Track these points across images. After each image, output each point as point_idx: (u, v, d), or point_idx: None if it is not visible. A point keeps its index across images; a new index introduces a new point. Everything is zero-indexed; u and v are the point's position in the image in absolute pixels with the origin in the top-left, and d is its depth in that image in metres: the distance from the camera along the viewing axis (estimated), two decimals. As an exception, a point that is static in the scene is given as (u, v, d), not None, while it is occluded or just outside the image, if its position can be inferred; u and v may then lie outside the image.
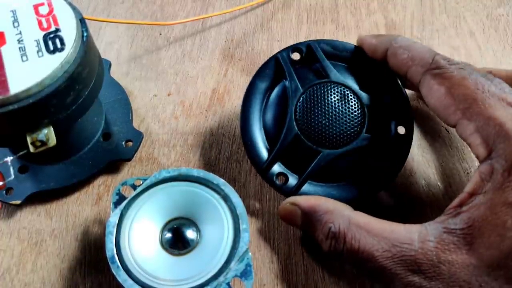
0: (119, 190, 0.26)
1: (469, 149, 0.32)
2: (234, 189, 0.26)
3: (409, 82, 0.27)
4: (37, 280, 0.27)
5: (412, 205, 0.30)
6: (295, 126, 0.28)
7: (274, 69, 0.30)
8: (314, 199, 0.25)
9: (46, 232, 0.29)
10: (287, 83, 0.29)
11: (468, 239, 0.21)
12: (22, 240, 0.29)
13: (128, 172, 0.32)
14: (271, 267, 0.28)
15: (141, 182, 0.26)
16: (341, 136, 0.27)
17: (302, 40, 0.38)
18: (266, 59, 0.36)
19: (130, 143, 0.31)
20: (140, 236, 0.25)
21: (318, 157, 0.27)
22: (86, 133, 0.31)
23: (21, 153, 0.26)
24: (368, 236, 0.22)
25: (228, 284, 0.23)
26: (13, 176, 0.28)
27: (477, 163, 0.32)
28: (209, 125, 0.34)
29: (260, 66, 0.30)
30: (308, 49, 0.30)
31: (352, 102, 0.28)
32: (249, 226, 0.25)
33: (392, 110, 0.29)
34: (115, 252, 0.24)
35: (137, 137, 0.32)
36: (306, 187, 0.28)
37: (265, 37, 0.39)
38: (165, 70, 0.37)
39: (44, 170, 0.30)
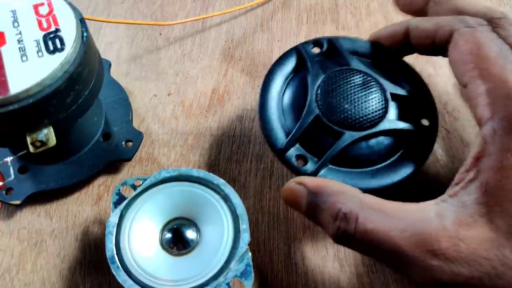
0: (119, 190, 0.26)
1: (469, 149, 0.32)
2: (234, 189, 0.26)
3: (436, 51, 0.27)
4: (37, 280, 0.27)
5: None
6: (316, 108, 0.27)
7: (294, 59, 0.30)
8: (322, 180, 0.24)
9: (46, 232, 0.29)
10: (308, 69, 0.28)
11: (484, 209, 0.20)
12: (22, 240, 0.29)
13: (128, 172, 0.32)
14: (271, 267, 0.28)
15: (141, 182, 0.26)
16: (364, 119, 0.26)
17: (302, 40, 0.38)
18: (266, 59, 0.35)
19: (130, 143, 0.31)
20: (140, 236, 0.25)
21: (341, 138, 0.26)
22: (86, 133, 0.31)
23: (21, 153, 0.26)
24: (383, 216, 0.21)
25: (228, 284, 0.23)
26: (13, 176, 0.28)
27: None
28: (209, 125, 0.34)
29: (279, 57, 0.30)
30: (328, 43, 0.30)
31: (373, 88, 0.27)
32: (249, 226, 0.25)
33: (415, 102, 0.28)
34: (115, 252, 0.24)
35: (137, 137, 0.32)
36: (325, 171, 0.26)
37: (265, 37, 0.39)
38: (165, 70, 0.37)
39: (44, 170, 0.30)
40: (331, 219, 0.22)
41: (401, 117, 0.27)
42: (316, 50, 0.30)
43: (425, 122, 0.28)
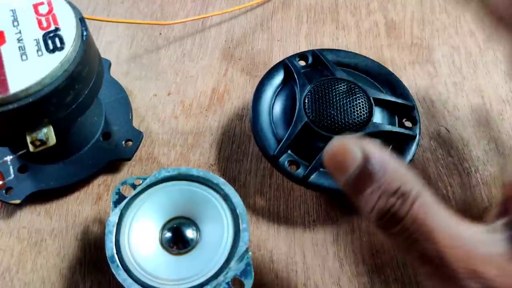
0: (119, 189, 0.26)
1: (469, 148, 0.32)
2: (234, 188, 0.26)
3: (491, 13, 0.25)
4: (37, 279, 0.27)
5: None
6: (304, 115, 0.28)
7: (282, 72, 0.32)
8: (386, 152, 0.20)
9: (46, 232, 0.29)
10: (295, 81, 0.30)
11: None
12: (22, 239, 0.29)
13: (128, 171, 0.32)
14: (271, 267, 0.28)
15: (141, 182, 0.26)
16: (350, 123, 0.28)
17: (302, 40, 0.39)
18: (266, 58, 0.36)
19: (130, 143, 0.31)
20: (140, 236, 0.25)
21: (329, 142, 0.27)
22: (86, 132, 0.31)
23: (20, 152, 0.26)
24: (437, 215, 0.19)
25: (228, 283, 0.23)
26: (13, 176, 0.28)
27: (476, 162, 0.32)
28: (209, 124, 0.34)
29: (268, 69, 0.32)
30: (313, 56, 0.32)
31: (358, 94, 0.29)
32: (249, 226, 0.25)
33: (398, 106, 0.30)
34: (115, 251, 0.24)
35: (137, 136, 0.32)
36: (317, 175, 0.28)
37: (265, 36, 0.39)
38: (165, 69, 0.37)
39: (44, 170, 0.30)
40: (386, 195, 0.19)
41: (385, 120, 0.29)
42: (302, 63, 0.32)
43: (408, 124, 0.30)
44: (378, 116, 0.29)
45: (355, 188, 0.20)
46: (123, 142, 0.31)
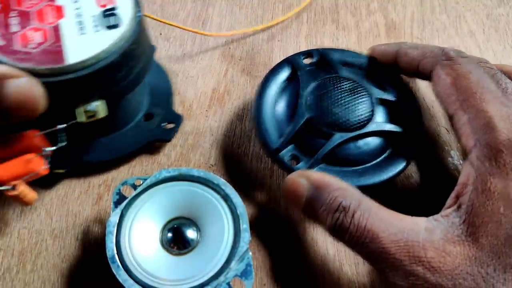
0: (119, 189, 0.26)
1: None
2: (234, 189, 0.26)
3: (420, 76, 0.29)
4: (37, 279, 0.27)
5: (412, 205, 0.30)
6: (307, 111, 0.29)
7: (287, 70, 0.32)
8: (324, 174, 0.25)
9: (46, 232, 0.29)
10: (299, 77, 0.30)
11: (471, 229, 0.21)
12: (22, 239, 0.29)
13: (129, 172, 0.32)
14: (271, 267, 0.28)
15: (141, 182, 0.26)
16: (352, 121, 0.28)
17: (302, 40, 0.39)
18: (266, 59, 0.36)
19: (170, 125, 0.32)
20: (140, 236, 0.25)
21: (331, 139, 0.28)
22: (130, 110, 0.32)
23: (70, 122, 0.26)
24: (377, 218, 0.22)
25: (228, 283, 0.23)
26: (58, 145, 0.28)
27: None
28: (209, 124, 0.34)
29: (273, 66, 0.32)
30: (319, 55, 0.32)
31: (361, 93, 0.29)
32: (249, 226, 0.25)
33: (401, 106, 0.30)
34: (115, 251, 0.24)
35: (177, 119, 0.32)
36: (317, 170, 0.28)
37: (265, 37, 0.39)
38: (165, 70, 0.37)
39: (87, 144, 0.31)
40: (331, 212, 0.23)
41: (388, 120, 0.29)
42: (307, 61, 0.32)
43: (410, 125, 0.29)
44: (381, 116, 0.29)
45: (311, 212, 0.24)
46: (164, 124, 0.32)
